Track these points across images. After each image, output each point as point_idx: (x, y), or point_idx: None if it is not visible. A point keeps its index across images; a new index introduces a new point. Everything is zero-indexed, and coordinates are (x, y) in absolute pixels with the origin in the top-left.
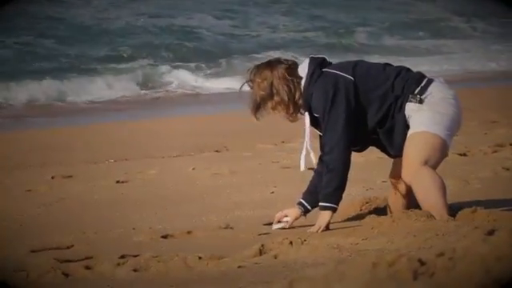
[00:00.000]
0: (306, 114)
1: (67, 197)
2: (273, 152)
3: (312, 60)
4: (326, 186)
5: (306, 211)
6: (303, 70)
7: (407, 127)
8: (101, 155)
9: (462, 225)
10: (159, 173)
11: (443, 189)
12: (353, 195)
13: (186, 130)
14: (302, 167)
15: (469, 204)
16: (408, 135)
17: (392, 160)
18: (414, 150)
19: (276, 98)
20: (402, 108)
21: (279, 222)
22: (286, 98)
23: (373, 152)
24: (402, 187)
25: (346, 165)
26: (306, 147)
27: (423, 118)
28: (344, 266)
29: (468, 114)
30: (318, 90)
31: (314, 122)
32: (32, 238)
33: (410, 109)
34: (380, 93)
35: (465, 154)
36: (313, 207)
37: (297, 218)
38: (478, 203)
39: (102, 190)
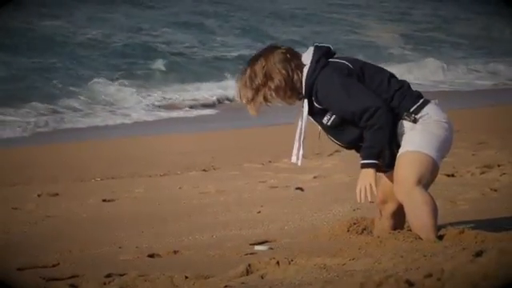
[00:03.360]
0: (305, 101)
1: (53, 215)
2: (260, 171)
3: (317, 48)
4: (372, 145)
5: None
6: (307, 57)
7: (397, 146)
8: (88, 173)
9: (450, 246)
10: (146, 191)
11: (435, 210)
12: (340, 215)
13: (173, 149)
14: (295, 160)
15: (456, 225)
16: (400, 153)
17: (379, 180)
18: (408, 168)
19: (270, 84)
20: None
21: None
22: (282, 83)
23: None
24: (389, 208)
25: (390, 125)
26: (298, 140)
27: (416, 138)
28: (331, 286)
29: (456, 135)
30: (324, 78)
31: (312, 111)
32: (18, 256)
33: (404, 126)
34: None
35: (453, 175)
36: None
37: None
38: (465, 224)
39: (89, 208)
